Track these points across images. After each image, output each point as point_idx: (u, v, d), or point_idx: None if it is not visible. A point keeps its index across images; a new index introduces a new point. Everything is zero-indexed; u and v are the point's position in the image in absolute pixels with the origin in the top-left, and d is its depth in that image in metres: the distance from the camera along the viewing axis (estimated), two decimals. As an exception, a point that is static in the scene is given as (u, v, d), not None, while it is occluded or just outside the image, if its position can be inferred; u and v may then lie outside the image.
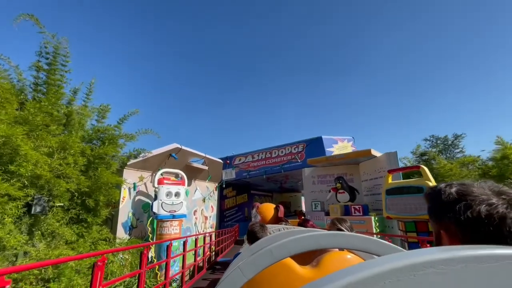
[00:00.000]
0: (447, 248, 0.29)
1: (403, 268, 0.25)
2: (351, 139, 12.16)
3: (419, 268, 0.25)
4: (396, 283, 0.24)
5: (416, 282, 0.25)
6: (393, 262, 0.26)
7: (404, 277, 0.25)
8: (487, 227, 0.49)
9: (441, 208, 0.57)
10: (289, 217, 18.69)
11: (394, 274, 0.25)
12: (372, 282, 0.25)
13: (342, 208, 8.13)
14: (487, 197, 0.51)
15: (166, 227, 7.08)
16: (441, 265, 0.25)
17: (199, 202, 10.90)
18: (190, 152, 9.00)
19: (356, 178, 9.38)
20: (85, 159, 5.28)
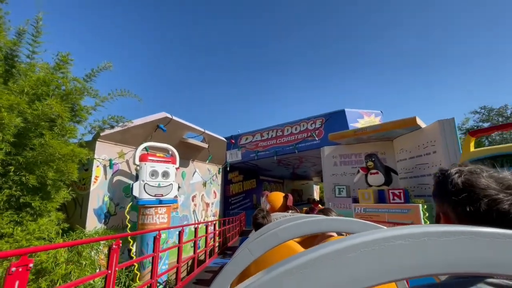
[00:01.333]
0: (419, 226, 0.32)
1: (377, 240, 0.29)
2: (379, 114, 10.19)
3: (390, 240, 0.29)
4: (370, 251, 0.28)
5: (385, 250, 0.28)
6: (369, 235, 0.30)
7: (376, 247, 0.29)
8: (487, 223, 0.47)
9: (445, 194, 0.57)
10: (301, 205, 17.14)
11: (368, 245, 0.29)
12: (351, 250, 0.28)
13: (375, 193, 6.34)
14: (493, 192, 0.50)
15: (149, 215, 5.55)
16: (408, 237, 0.29)
17: (199, 187, 9.35)
18: (184, 124, 7.35)
19: (389, 157, 7.52)
20: (20, 119, 3.71)
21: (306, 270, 0.29)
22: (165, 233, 5.65)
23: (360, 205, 6.41)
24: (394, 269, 0.29)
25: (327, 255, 0.29)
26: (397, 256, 0.29)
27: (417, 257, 0.29)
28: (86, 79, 5.00)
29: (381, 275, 0.29)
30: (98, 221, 5.55)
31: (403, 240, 0.29)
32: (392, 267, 0.29)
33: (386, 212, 5.88)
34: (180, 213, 8.16)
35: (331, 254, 0.29)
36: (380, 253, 0.29)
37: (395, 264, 0.29)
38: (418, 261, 0.29)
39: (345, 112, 9.23)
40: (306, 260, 0.29)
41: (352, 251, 0.29)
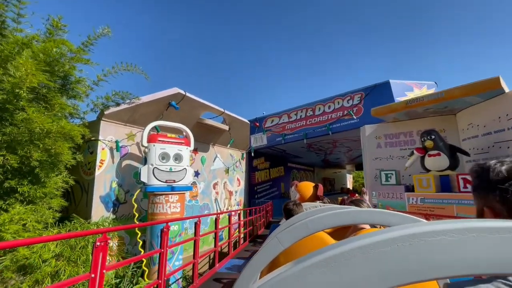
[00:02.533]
0: (467, 220, 0.28)
1: (415, 234, 0.26)
2: (433, 85, 8.38)
3: (431, 235, 0.26)
4: (407, 246, 0.26)
5: (425, 246, 0.26)
6: (408, 229, 0.27)
7: (414, 241, 0.26)
8: None
9: (488, 185, 0.55)
10: (334, 195, 15.77)
11: (406, 239, 0.26)
12: (384, 245, 0.26)
13: (437, 180, 4.94)
14: None
15: (159, 204, 4.83)
16: (452, 233, 0.26)
17: (221, 173, 8.57)
18: (200, 102, 6.49)
19: (450, 136, 5.95)
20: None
21: (336, 263, 0.26)
22: (177, 225, 4.92)
23: (416, 194, 5.06)
24: (434, 267, 0.26)
25: (360, 248, 0.27)
26: (437, 253, 0.26)
27: (461, 255, 0.26)
28: (82, 48, 4.30)
29: (419, 273, 0.26)
30: (106, 210, 4.98)
31: (446, 235, 0.26)
32: (431, 265, 0.26)
33: (454, 204, 4.49)
34: (200, 201, 7.47)
35: (365, 247, 0.27)
36: (419, 248, 0.26)
37: (434, 261, 0.26)
38: (462, 260, 0.25)
39: (390, 84, 7.65)
40: (338, 253, 0.27)
41: (387, 245, 0.26)
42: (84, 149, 5.12)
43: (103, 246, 2.46)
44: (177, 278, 4.66)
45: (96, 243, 2.40)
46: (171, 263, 4.75)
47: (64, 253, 3.40)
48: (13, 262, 3.00)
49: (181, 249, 5.01)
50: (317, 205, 2.47)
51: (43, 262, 3.19)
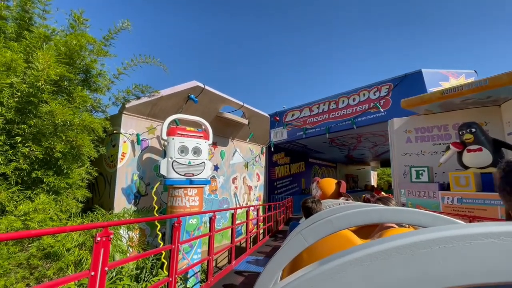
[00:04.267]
0: None
1: (459, 236, 0.24)
2: (472, 74, 7.60)
3: (477, 237, 0.24)
4: (450, 248, 0.24)
5: (470, 249, 0.24)
6: (451, 230, 0.25)
7: (458, 244, 0.24)
8: None
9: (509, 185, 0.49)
10: (357, 192, 15.16)
11: (449, 241, 0.24)
12: (425, 245, 0.24)
13: (477, 177, 4.45)
14: None
15: (178, 197, 4.83)
16: (502, 236, 0.24)
17: (240, 168, 8.49)
18: (218, 95, 6.40)
19: (493, 129, 5.34)
20: (18, 79, 3.16)
21: (372, 262, 0.25)
22: (196, 218, 4.91)
23: (453, 193, 4.60)
24: (479, 272, 0.24)
25: (397, 248, 0.25)
26: (484, 257, 0.24)
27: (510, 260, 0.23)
28: (103, 42, 4.35)
29: (462, 277, 0.24)
30: (127, 202, 5.08)
31: (495, 239, 0.24)
32: (476, 270, 0.24)
33: (498, 205, 4.01)
34: (220, 195, 7.45)
35: (402, 247, 0.25)
36: (462, 251, 0.24)
37: (480, 266, 0.24)
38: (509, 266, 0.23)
39: (422, 74, 7.05)
40: (373, 252, 0.25)
41: (428, 246, 0.25)
42: (107, 142, 5.25)
43: (105, 241, 2.21)
44: (195, 271, 4.65)
45: (96, 238, 2.17)
46: (190, 256, 4.75)
47: (87, 243, 3.47)
48: (39, 250, 3.11)
49: (199, 242, 5.00)
50: (340, 203, 2.34)
51: (67, 251, 3.28)
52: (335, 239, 1.19)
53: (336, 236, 1.08)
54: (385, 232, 1.49)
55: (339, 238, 1.24)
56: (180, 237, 3.39)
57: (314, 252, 1.24)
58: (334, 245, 1.22)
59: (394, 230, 1.47)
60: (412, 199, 5.51)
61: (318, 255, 1.26)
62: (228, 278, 4.12)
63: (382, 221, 0.84)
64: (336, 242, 1.22)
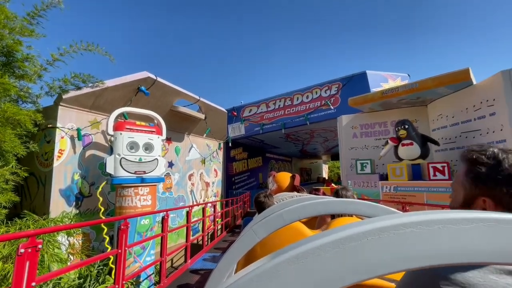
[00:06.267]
0: (432, 211, 0.29)
1: (386, 227, 0.27)
2: (406, 77, 8.63)
3: (399, 228, 0.27)
4: (377, 239, 0.27)
5: (395, 239, 0.27)
6: (377, 222, 0.28)
7: (384, 234, 0.27)
8: None
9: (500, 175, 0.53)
10: (310, 184, 16.09)
11: (376, 232, 0.27)
12: (355, 239, 0.27)
13: (409, 168, 5.09)
14: None
15: (128, 197, 4.49)
16: (420, 225, 0.27)
17: (197, 164, 8.26)
18: (172, 88, 6.08)
19: (421, 126, 6.15)
20: None
21: (308, 258, 0.26)
22: (148, 218, 4.63)
23: (390, 183, 5.19)
24: (402, 259, 0.26)
25: (329, 244, 0.27)
26: (406, 245, 0.27)
27: (428, 246, 0.27)
28: (27, 19, 3.72)
29: (387, 266, 0.26)
30: (67, 204, 4.53)
31: (414, 227, 0.27)
32: (400, 257, 0.26)
33: (424, 192, 4.66)
34: (175, 193, 7.16)
35: (336, 241, 0.27)
36: (387, 241, 0.27)
37: (403, 253, 0.27)
38: (428, 251, 0.27)
39: (366, 75, 7.75)
40: (307, 249, 0.27)
41: (357, 240, 0.27)
42: (40, 137, 4.59)
43: (31, 253, 1.87)
44: (148, 274, 4.41)
45: (19, 250, 1.80)
46: (142, 258, 4.48)
47: (14, 254, 3.00)
48: None
49: (153, 243, 4.74)
50: (293, 195, 2.44)
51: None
52: (287, 231, 1.23)
53: (288, 228, 1.11)
54: (334, 221, 1.62)
55: (291, 230, 1.30)
56: (128, 240, 3.16)
57: (267, 245, 1.28)
58: (286, 237, 1.28)
59: (342, 219, 1.60)
60: (358, 189, 6.06)
61: (271, 247, 1.31)
62: (183, 278, 4.01)
63: (328, 212, 0.90)
64: (288, 234, 1.28)
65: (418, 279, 0.44)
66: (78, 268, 3.69)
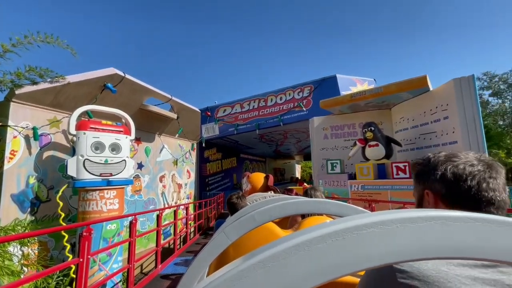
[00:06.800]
0: (392, 211, 0.31)
1: (349, 228, 0.28)
2: (372, 82, 9.18)
3: (362, 228, 0.28)
4: (341, 240, 0.27)
5: (357, 239, 0.28)
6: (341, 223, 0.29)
7: (348, 235, 0.28)
8: (467, 182, 0.56)
9: (430, 168, 0.64)
10: (284, 184, 16.39)
11: (340, 233, 0.28)
12: (320, 241, 0.27)
13: (375, 168, 5.40)
14: (470, 160, 0.59)
15: (93, 201, 4.20)
16: (380, 225, 0.28)
17: (168, 165, 8.00)
18: (142, 86, 5.82)
19: (386, 128, 6.57)
20: None
21: (274, 263, 0.27)
22: (115, 223, 4.38)
23: (358, 181, 5.46)
24: (365, 258, 0.28)
25: (294, 247, 0.27)
26: (369, 244, 0.28)
27: (389, 245, 0.28)
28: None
29: (351, 265, 0.27)
30: (21, 211, 4.13)
31: (375, 227, 0.28)
32: (363, 256, 0.28)
33: (388, 189, 4.98)
34: (145, 196, 6.85)
35: (300, 244, 0.27)
36: (351, 242, 0.28)
37: (366, 252, 0.28)
38: (388, 249, 0.28)
39: (336, 78, 8.09)
40: (273, 254, 0.27)
41: (322, 241, 0.28)
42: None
43: None
44: (115, 282, 4.17)
45: None
46: (108, 266, 4.22)
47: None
48: None
49: (120, 249, 4.50)
50: (266, 196, 2.48)
51: None
52: (260, 232, 1.25)
53: (261, 229, 1.12)
54: (305, 220, 1.66)
55: (263, 230, 1.32)
56: (92, 247, 2.96)
57: (240, 246, 1.28)
58: (258, 238, 1.30)
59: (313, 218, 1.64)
60: (329, 188, 6.30)
61: (243, 249, 1.32)
62: (153, 284, 3.86)
63: (299, 212, 0.92)
64: (261, 235, 1.30)
65: (378, 273, 0.48)
66: (34, 280, 3.37)
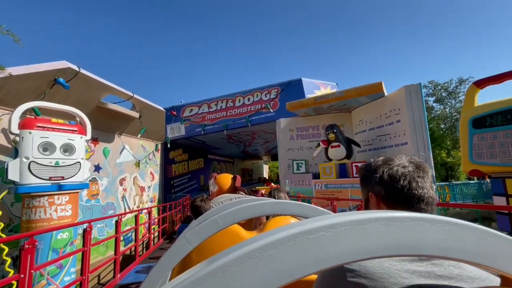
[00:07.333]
0: (338, 214, 0.33)
1: (300, 233, 0.29)
2: (335, 86, 9.68)
3: (312, 232, 0.29)
4: (293, 245, 0.28)
5: (308, 243, 0.28)
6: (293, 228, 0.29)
7: (299, 240, 0.28)
8: (400, 182, 0.63)
9: (371, 172, 0.70)
10: (252, 185, 16.51)
11: (291, 238, 0.28)
12: (272, 247, 0.28)
13: (337, 167, 5.71)
14: (402, 163, 0.66)
15: (40, 208, 3.78)
16: (330, 228, 0.29)
17: (130, 167, 7.54)
18: (100, 83, 5.40)
19: (347, 130, 6.99)
20: None
21: (226, 272, 0.26)
22: (68, 232, 4.00)
23: (321, 181, 5.73)
24: (316, 261, 0.28)
25: (247, 255, 0.27)
26: (319, 248, 0.29)
27: (338, 247, 0.29)
28: None
29: (303, 269, 0.28)
30: None
31: (325, 231, 0.29)
32: (315, 259, 0.29)
33: (349, 188, 5.30)
34: (103, 200, 6.37)
35: (254, 251, 0.28)
36: (302, 246, 0.29)
37: (317, 255, 0.29)
38: (338, 251, 0.29)
39: (302, 82, 8.38)
40: (227, 261, 0.27)
41: (273, 247, 0.28)
42: None
43: None
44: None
45: None
46: (59, 279, 3.84)
47: None
48: None
49: (73, 260, 4.11)
50: (232, 197, 2.44)
51: None
52: (223, 235, 1.24)
53: (224, 231, 1.09)
54: (270, 220, 1.70)
55: (227, 233, 1.31)
56: (40, 259, 2.67)
57: (203, 250, 1.25)
58: (221, 241, 1.28)
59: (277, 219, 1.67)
60: (294, 188, 6.50)
61: (207, 252, 1.29)
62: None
63: (263, 214, 0.92)
64: (225, 237, 1.29)
65: (331, 273, 0.51)
66: None
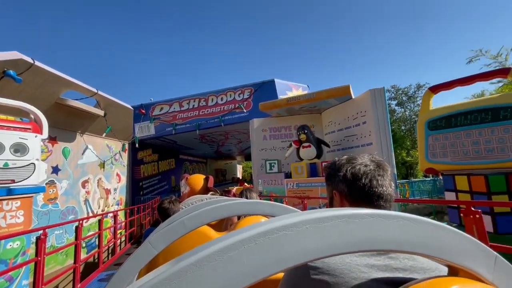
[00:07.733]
0: (301, 213, 0.34)
1: (261, 233, 0.28)
2: (306, 88, 9.96)
3: (273, 232, 0.29)
4: (253, 246, 0.28)
5: (270, 243, 0.28)
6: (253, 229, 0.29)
7: (260, 240, 0.28)
8: (362, 180, 0.64)
9: (335, 171, 0.72)
10: (225, 185, 16.37)
11: (252, 239, 0.28)
12: (232, 248, 0.27)
13: (308, 167, 5.88)
14: (365, 161, 0.68)
15: (-15, 215, 3.38)
16: (291, 227, 0.29)
17: (93, 168, 7.05)
18: (58, 77, 4.97)
19: (317, 131, 7.24)
20: None
21: (183, 277, 0.26)
22: (20, 240, 3.63)
23: (293, 180, 5.86)
24: (278, 261, 0.28)
25: (205, 258, 0.27)
26: (280, 247, 0.29)
27: (300, 246, 0.29)
28: None
29: (265, 269, 0.28)
30: None
31: (286, 230, 0.29)
32: (276, 259, 0.28)
33: (319, 186, 5.48)
34: (62, 205, 5.87)
35: (214, 254, 0.27)
36: (263, 246, 0.28)
37: (279, 255, 0.29)
38: (300, 249, 0.29)
39: (275, 83, 8.50)
40: (183, 267, 0.26)
41: (233, 249, 0.28)
42: None
43: None
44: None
45: None
46: (8, 293, 3.46)
47: None
48: None
49: (26, 271, 3.74)
50: (203, 198, 2.45)
51: None
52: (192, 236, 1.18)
53: (194, 232, 1.07)
54: (241, 220, 1.69)
55: (196, 234, 1.27)
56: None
57: (170, 253, 1.24)
58: (189, 243, 1.23)
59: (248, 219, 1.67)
60: (267, 187, 6.57)
61: (174, 255, 1.23)
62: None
63: (233, 214, 0.91)
64: (194, 239, 1.25)
65: (295, 272, 0.52)
66: None
